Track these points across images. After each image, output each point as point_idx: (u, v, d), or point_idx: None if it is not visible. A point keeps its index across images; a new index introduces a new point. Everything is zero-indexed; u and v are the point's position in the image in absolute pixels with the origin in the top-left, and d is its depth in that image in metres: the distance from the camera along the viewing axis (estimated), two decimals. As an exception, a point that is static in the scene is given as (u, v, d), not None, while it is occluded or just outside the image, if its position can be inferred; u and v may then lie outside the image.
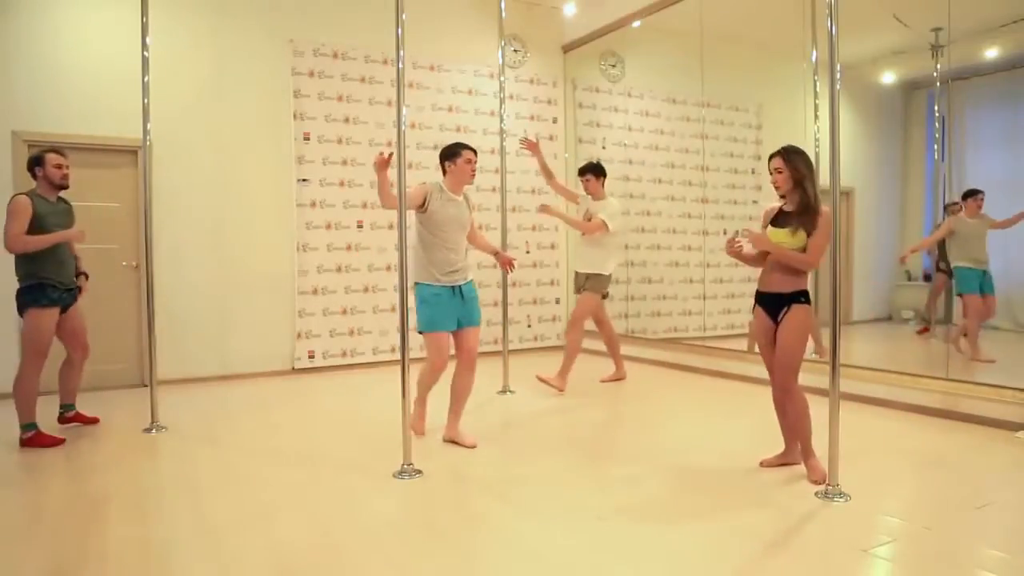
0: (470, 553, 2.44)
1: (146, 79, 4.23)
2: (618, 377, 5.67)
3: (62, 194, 4.09)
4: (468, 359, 3.77)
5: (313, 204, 6.15)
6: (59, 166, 3.95)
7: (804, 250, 3.06)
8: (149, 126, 4.28)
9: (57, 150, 4.03)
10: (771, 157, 3.16)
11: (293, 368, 6.11)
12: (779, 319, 3.15)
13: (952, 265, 5.03)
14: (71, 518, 2.79)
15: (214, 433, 4.15)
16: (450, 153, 3.75)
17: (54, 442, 3.84)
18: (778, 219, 3.21)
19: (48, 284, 3.83)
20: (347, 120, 6.27)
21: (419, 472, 3.25)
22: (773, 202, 3.31)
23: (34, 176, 3.96)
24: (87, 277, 4.21)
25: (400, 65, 3.33)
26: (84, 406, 4.90)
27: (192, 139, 5.71)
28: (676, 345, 6.35)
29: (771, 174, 3.16)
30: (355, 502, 2.94)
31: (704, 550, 2.43)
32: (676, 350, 6.27)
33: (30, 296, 3.80)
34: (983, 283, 4.94)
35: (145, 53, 4.22)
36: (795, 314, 3.10)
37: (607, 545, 2.47)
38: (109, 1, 5.41)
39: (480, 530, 2.65)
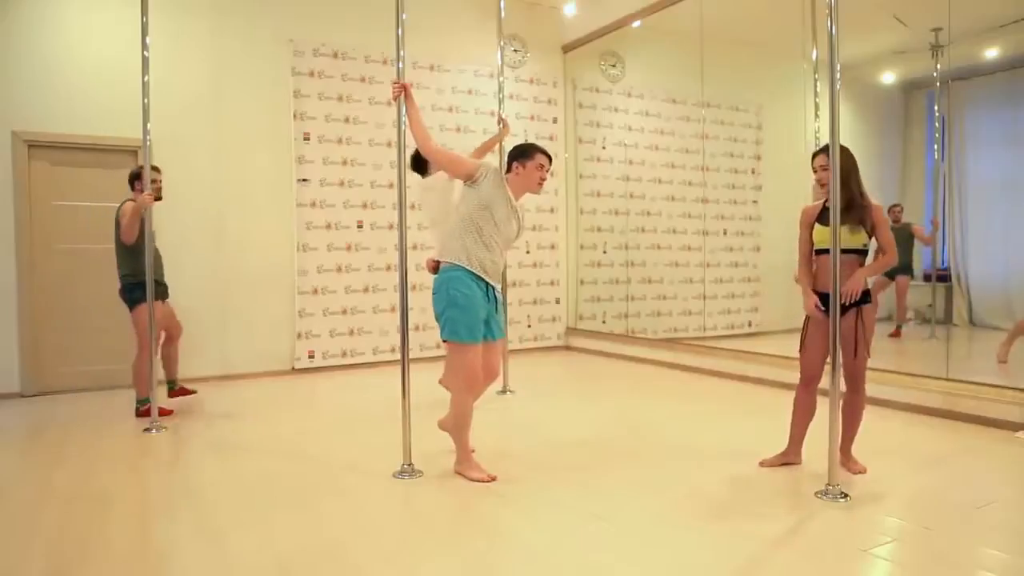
0: (470, 553, 2.44)
1: (146, 79, 4.23)
2: None
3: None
4: (491, 377, 3.32)
5: (313, 204, 6.15)
6: (154, 180, 4.42)
7: (865, 248, 3.14)
8: (149, 126, 4.27)
9: (153, 167, 4.44)
10: (816, 155, 3.19)
11: (293, 368, 6.11)
12: (844, 321, 3.09)
13: None
14: (71, 517, 2.79)
15: (214, 432, 4.15)
16: (521, 152, 3.19)
17: (165, 412, 4.47)
18: (824, 217, 3.16)
19: (145, 282, 4.34)
20: (347, 120, 6.27)
21: (419, 472, 3.25)
22: (813, 201, 3.35)
23: (133, 188, 4.49)
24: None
25: (400, 65, 3.33)
26: (84, 405, 4.93)
27: (192, 139, 5.71)
28: (676, 345, 6.35)
29: (816, 172, 3.19)
30: (355, 502, 2.94)
31: (704, 550, 2.43)
32: (676, 350, 6.27)
33: (140, 293, 4.36)
34: None
35: (145, 53, 4.22)
36: (868, 314, 3.15)
37: (607, 545, 2.47)
38: (109, 1, 5.41)
39: (480, 530, 2.65)
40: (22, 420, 4.57)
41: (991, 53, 5.10)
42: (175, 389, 4.78)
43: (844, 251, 3.11)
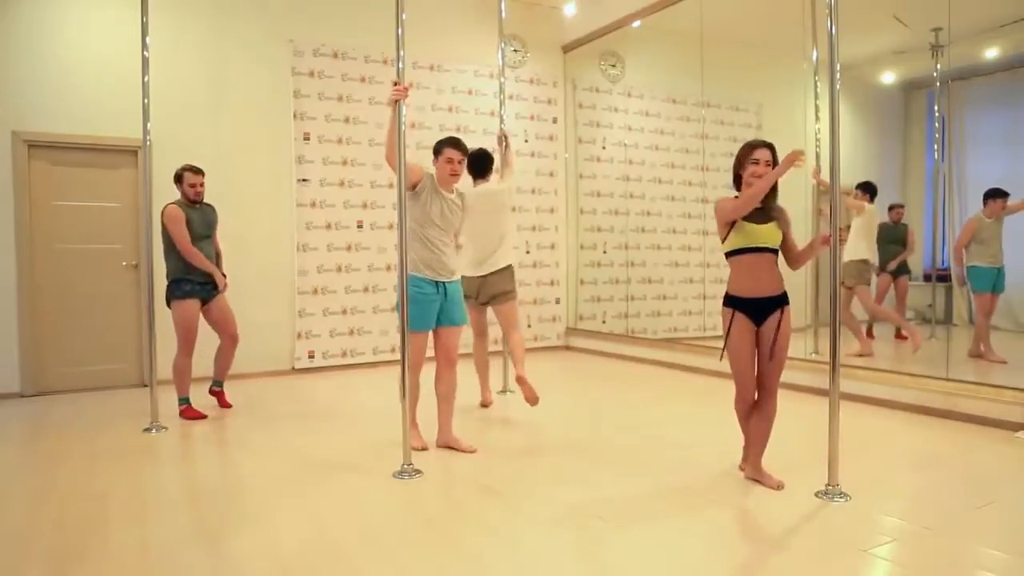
0: (470, 553, 2.44)
1: (146, 79, 4.23)
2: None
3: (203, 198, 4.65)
4: (447, 358, 3.70)
5: (313, 204, 6.14)
6: (192, 184, 4.50)
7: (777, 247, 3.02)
8: (149, 126, 4.28)
9: (192, 169, 4.53)
10: (757, 147, 2.98)
11: (293, 368, 6.11)
12: (765, 323, 3.00)
13: (968, 264, 5.06)
14: (71, 517, 2.79)
15: (214, 433, 4.15)
16: (435, 149, 3.66)
17: (198, 416, 4.46)
18: (755, 215, 3.00)
19: (183, 279, 4.41)
20: (347, 120, 6.27)
21: (419, 472, 3.25)
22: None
23: (178, 189, 4.59)
24: (224, 276, 4.65)
25: (400, 65, 3.33)
26: (84, 405, 4.92)
27: (192, 139, 5.71)
28: (676, 345, 6.35)
29: (756, 164, 2.94)
30: (355, 502, 2.94)
31: (704, 549, 2.43)
32: (676, 350, 6.27)
33: (170, 290, 4.43)
34: (997, 281, 4.98)
35: (145, 53, 4.22)
36: (788, 316, 3.02)
37: (607, 545, 2.47)
38: (109, 1, 5.41)
39: (480, 530, 2.65)
40: (22, 420, 4.57)
41: (991, 53, 5.10)
42: (215, 390, 4.78)
43: (767, 249, 2.99)
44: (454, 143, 3.63)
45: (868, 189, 5.52)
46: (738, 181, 3.07)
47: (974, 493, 2.93)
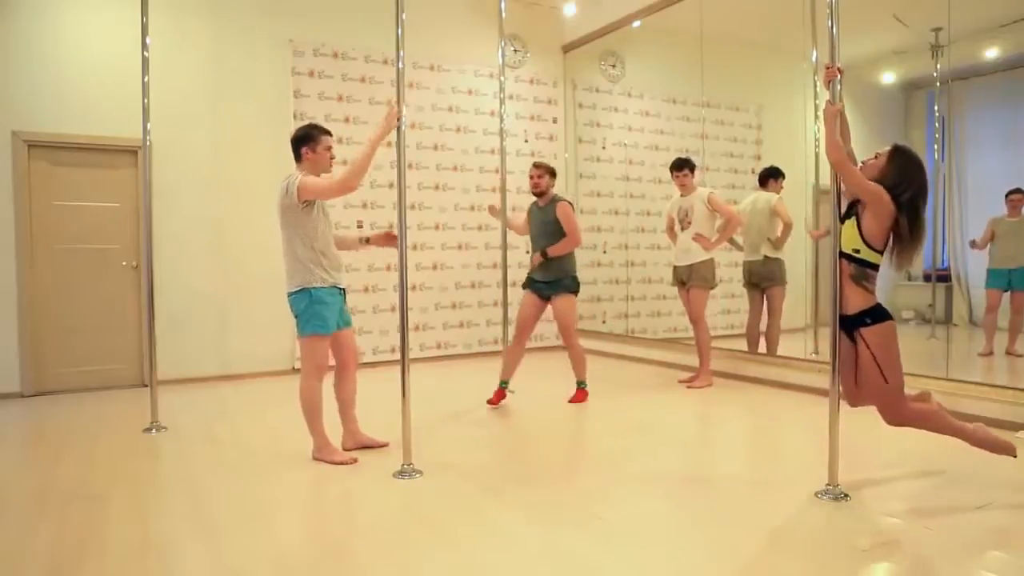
0: (470, 553, 2.44)
1: (146, 79, 4.23)
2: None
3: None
4: (354, 359, 3.71)
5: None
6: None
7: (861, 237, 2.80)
8: (149, 126, 4.27)
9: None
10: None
11: (293, 368, 6.10)
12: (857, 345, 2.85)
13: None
14: (71, 517, 2.79)
15: (214, 433, 4.15)
16: (308, 137, 3.46)
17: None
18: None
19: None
20: (347, 120, 6.27)
21: (419, 472, 3.25)
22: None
23: None
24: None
25: (400, 65, 3.33)
26: (84, 405, 4.91)
27: (192, 139, 5.71)
28: (676, 345, 6.35)
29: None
30: (355, 502, 2.94)
31: (703, 549, 2.43)
32: (676, 350, 6.27)
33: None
34: (1012, 280, 5.00)
35: (145, 53, 4.22)
36: (870, 338, 2.78)
37: (607, 545, 2.47)
38: (109, 1, 5.41)
39: (480, 530, 2.64)
40: (22, 420, 4.57)
41: (991, 53, 5.10)
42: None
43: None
44: (328, 130, 3.60)
45: None
46: None
47: (974, 493, 2.93)
